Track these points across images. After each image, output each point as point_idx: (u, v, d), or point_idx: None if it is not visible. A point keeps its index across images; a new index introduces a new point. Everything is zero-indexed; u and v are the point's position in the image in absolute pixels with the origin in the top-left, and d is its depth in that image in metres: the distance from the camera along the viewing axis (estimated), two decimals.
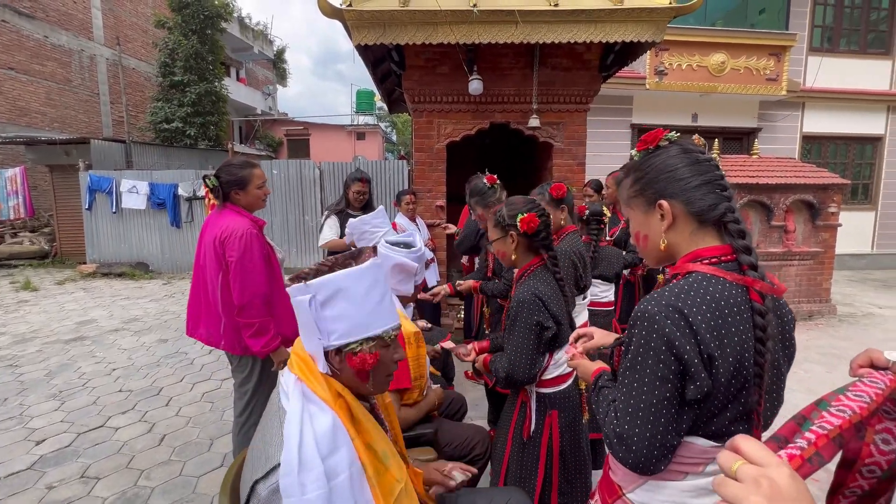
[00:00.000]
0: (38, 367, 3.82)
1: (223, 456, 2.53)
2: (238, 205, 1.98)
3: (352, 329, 0.89)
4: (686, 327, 0.74)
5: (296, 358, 0.94)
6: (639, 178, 0.91)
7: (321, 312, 0.88)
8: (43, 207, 10.05)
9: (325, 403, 0.88)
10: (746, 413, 0.79)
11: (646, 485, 0.87)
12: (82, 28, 12.79)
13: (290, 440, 0.81)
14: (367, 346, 0.91)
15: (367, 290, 0.91)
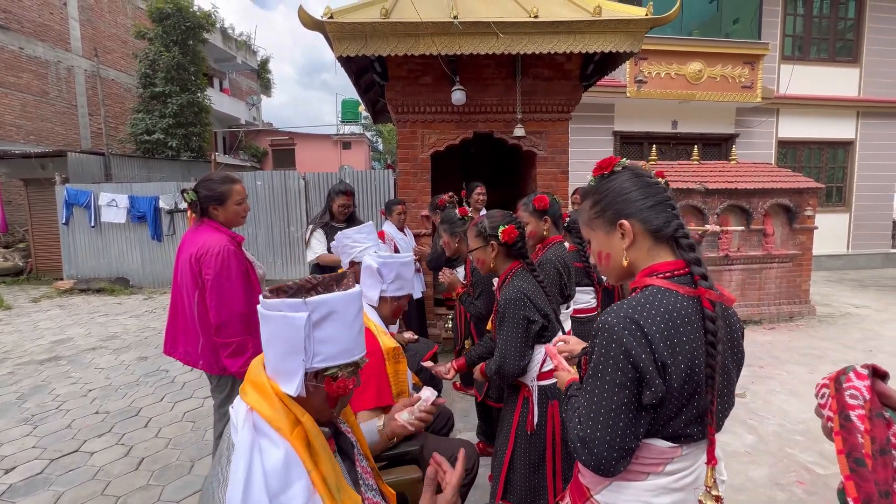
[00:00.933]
0: (9, 390, 3.68)
1: (204, 478, 2.44)
2: (216, 220, 1.93)
3: (338, 353, 0.87)
4: (642, 337, 0.80)
5: (250, 384, 0.89)
6: (598, 201, 0.98)
7: (313, 332, 0.85)
8: (17, 222, 9.77)
9: (279, 434, 0.83)
10: (700, 416, 0.86)
11: (611, 486, 0.93)
12: (59, 39, 12.56)
13: (234, 478, 0.76)
14: (345, 372, 0.89)
15: (355, 316, 0.91)
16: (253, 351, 1.86)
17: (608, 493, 0.94)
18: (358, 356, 0.92)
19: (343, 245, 2.22)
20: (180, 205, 7.80)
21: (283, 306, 0.84)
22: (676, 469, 0.89)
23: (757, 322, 5.35)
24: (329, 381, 0.87)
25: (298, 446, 0.84)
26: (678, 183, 5.13)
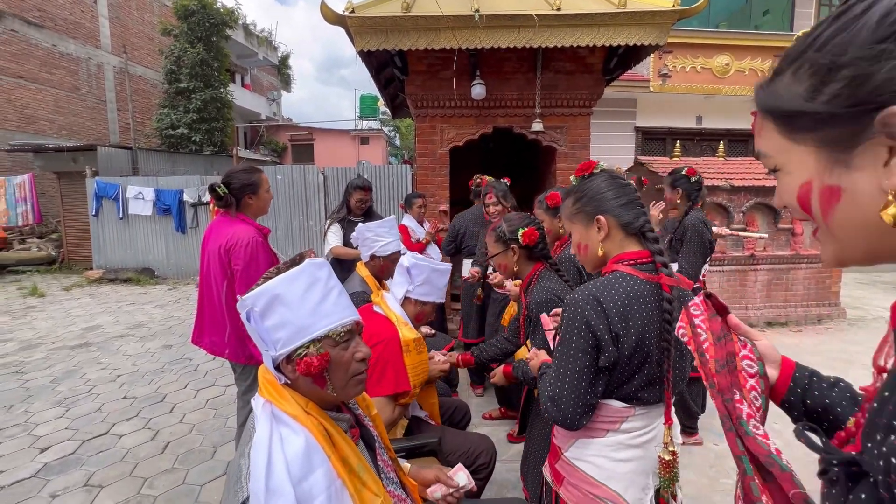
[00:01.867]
0: (44, 374, 3.84)
1: (226, 463, 2.51)
2: (248, 211, 1.98)
3: (294, 334, 0.85)
4: (601, 311, 0.97)
5: (262, 380, 0.91)
6: (579, 199, 1.12)
7: (262, 324, 0.85)
8: (51, 214, 10.16)
9: (297, 421, 0.84)
10: (650, 382, 1.02)
11: (577, 443, 1.09)
12: (90, 36, 12.96)
13: (256, 468, 0.77)
14: (313, 349, 0.86)
15: (305, 291, 0.87)
16: None
17: (575, 449, 1.09)
18: (324, 329, 0.87)
19: (365, 238, 2.23)
20: (203, 198, 7.99)
21: (239, 308, 0.87)
22: (632, 427, 1.05)
23: (783, 324, 5.19)
24: (297, 361, 0.86)
25: (316, 433, 0.85)
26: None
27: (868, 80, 0.36)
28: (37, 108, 11.58)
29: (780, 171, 0.47)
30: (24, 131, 11.16)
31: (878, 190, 0.37)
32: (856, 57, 0.37)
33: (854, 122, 0.38)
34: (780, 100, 0.44)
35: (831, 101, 0.39)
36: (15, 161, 10.69)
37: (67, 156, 8.89)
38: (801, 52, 0.42)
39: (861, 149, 0.38)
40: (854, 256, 0.43)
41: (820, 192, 0.42)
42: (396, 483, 1.05)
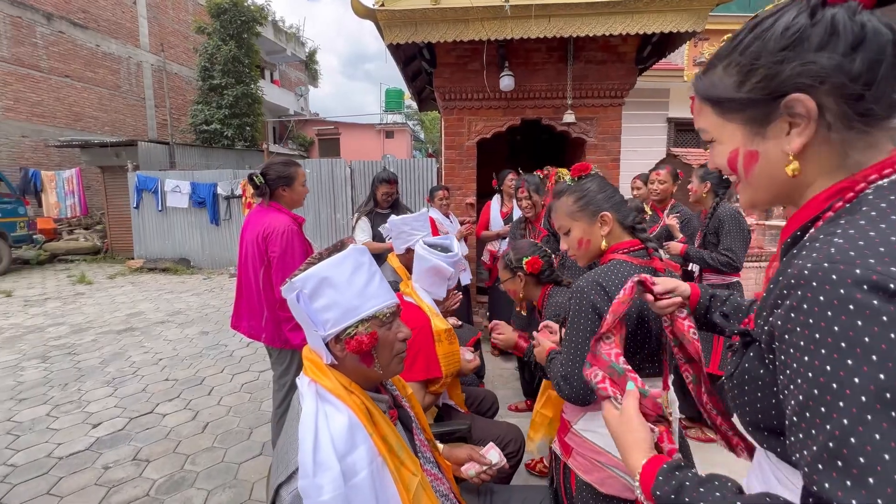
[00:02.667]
0: (94, 356, 4.09)
1: (262, 444, 2.62)
2: (283, 201, 2.05)
3: (343, 314, 0.91)
4: (604, 294, 1.06)
5: (307, 361, 0.95)
6: (581, 198, 1.22)
7: (311, 305, 0.90)
8: (95, 206, 10.74)
9: (340, 401, 0.89)
10: (651, 356, 1.11)
11: (586, 416, 1.17)
12: (130, 36, 13.53)
13: (304, 442, 0.81)
14: (362, 328, 0.91)
15: (351, 275, 0.92)
16: None
17: (583, 422, 1.17)
18: (372, 310, 0.92)
19: (401, 231, 2.26)
20: (236, 191, 8.26)
21: (285, 292, 0.91)
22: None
23: None
24: (348, 340, 0.91)
25: (358, 412, 0.89)
26: None
27: (776, 76, 0.51)
28: (83, 106, 12.22)
29: (715, 142, 0.62)
30: (71, 128, 11.81)
31: (782, 153, 0.54)
32: (767, 60, 0.52)
33: (767, 106, 0.53)
34: (716, 89, 0.58)
35: (752, 91, 0.54)
36: (63, 156, 11.33)
37: (111, 151, 9.36)
38: (728, 53, 0.56)
39: (772, 125, 0.54)
40: (763, 200, 0.61)
41: (744, 155, 0.58)
42: (433, 462, 1.09)
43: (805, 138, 0.51)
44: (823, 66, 0.48)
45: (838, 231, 0.47)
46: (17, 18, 10.68)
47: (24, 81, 10.86)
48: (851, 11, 0.48)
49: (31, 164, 10.50)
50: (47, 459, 2.50)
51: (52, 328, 4.93)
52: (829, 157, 0.52)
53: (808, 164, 0.53)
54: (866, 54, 0.47)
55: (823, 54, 0.48)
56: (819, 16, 0.49)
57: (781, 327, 0.48)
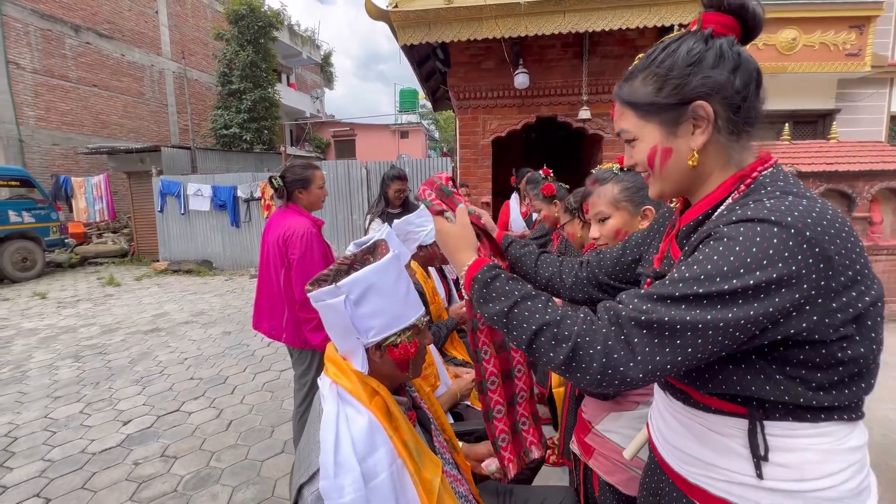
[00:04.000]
0: (123, 355, 4.24)
1: (283, 442, 2.67)
2: (300, 204, 2.08)
3: (389, 322, 0.90)
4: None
5: (329, 362, 0.95)
6: (628, 188, 1.24)
7: (356, 311, 0.87)
8: (122, 210, 11.11)
9: (361, 403, 0.88)
10: None
11: (609, 416, 1.16)
12: (152, 45, 13.94)
13: (326, 444, 0.82)
14: (405, 337, 0.91)
15: (395, 282, 0.91)
16: None
17: (606, 422, 1.16)
18: (413, 318, 0.93)
19: (407, 232, 2.26)
20: (255, 194, 8.43)
21: (322, 295, 0.88)
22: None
23: None
24: (391, 349, 0.90)
25: (379, 415, 0.89)
26: None
27: (685, 86, 0.66)
28: (109, 114, 12.65)
29: (636, 141, 0.74)
30: (98, 135, 12.24)
31: (688, 149, 0.69)
32: (678, 73, 0.66)
33: (678, 110, 0.67)
34: (638, 95, 0.71)
35: (668, 97, 0.68)
36: (91, 163, 11.76)
37: (136, 157, 9.67)
38: (646, 66, 0.70)
39: (681, 126, 0.68)
40: (670, 190, 0.75)
41: (661, 151, 0.71)
42: (452, 464, 1.09)
43: (706, 136, 0.67)
44: (717, 80, 0.64)
45: (763, 200, 0.62)
46: (47, 31, 11.12)
47: (54, 92, 11.30)
48: (731, 43, 0.65)
49: (62, 171, 10.93)
50: (81, 455, 2.60)
51: (83, 329, 5.13)
52: (718, 155, 0.69)
53: (705, 158, 0.69)
54: (743, 74, 0.64)
55: (717, 71, 0.64)
56: (711, 43, 0.65)
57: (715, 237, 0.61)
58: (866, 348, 0.62)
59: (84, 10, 11.96)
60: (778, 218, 0.57)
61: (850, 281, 0.60)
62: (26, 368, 3.97)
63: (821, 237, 0.57)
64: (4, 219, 7.72)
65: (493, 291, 0.71)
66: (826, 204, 0.62)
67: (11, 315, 5.79)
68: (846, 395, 0.64)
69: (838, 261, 0.58)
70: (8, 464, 2.53)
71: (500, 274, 0.74)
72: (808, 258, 0.56)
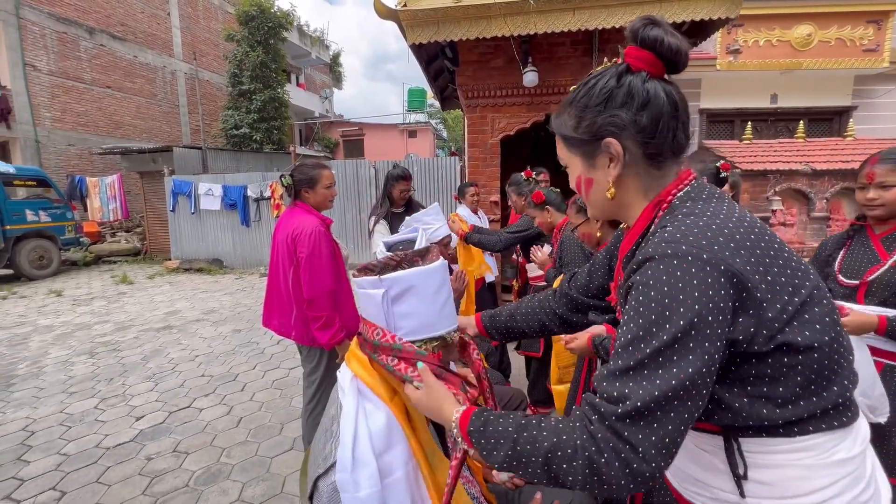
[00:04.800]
0: (136, 352, 4.31)
1: (293, 440, 2.70)
2: (307, 203, 2.09)
3: (420, 327, 0.88)
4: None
5: (352, 355, 0.95)
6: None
7: (392, 308, 0.87)
8: (135, 210, 11.28)
9: (381, 400, 0.88)
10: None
11: None
12: (165, 46, 14.13)
13: (344, 437, 0.82)
14: (430, 346, 0.89)
15: (437, 290, 0.90)
16: (340, 325, 2.00)
17: None
18: (443, 330, 0.91)
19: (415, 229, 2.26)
20: (265, 193, 8.51)
21: (364, 284, 0.88)
22: None
23: None
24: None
25: (398, 414, 0.89)
26: (778, 164, 4.58)
27: (595, 124, 0.70)
28: (122, 115, 12.86)
29: (568, 168, 0.80)
30: (112, 136, 12.45)
31: (606, 181, 0.73)
32: (590, 111, 0.71)
33: (592, 145, 0.72)
34: (563, 128, 0.76)
35: (583, 133, 0.72)
36: (105, 163, 11.97)
37: (148, 157, 9.82)
38: (571, 102, 0.75)
39: (598, 158, 0.73)
40: (599, 214, 0.81)
41: (584, 180, 0.77)
42: (463, 465, 1.08)
43: (618, 170, 0.71)
44: (623, 119, 0.68)
45: (667, 226, 0.65)
46: (62, 34, 11.34)
47: (69, 93, 11.52)
48: (642, 80, 0.67)
49: (77, 171, 11.15)
50: (96, 450, 2.65)
51: (98, 326, 5.22)
52: (635, 185, 0.73)
53: (623, 190, 0.74)
54: (651, 111, 0.67)
55: (623, 110, 0.67)
56: (623, 80, 0.68)
57: (632, 288, 0.64)
58: (819, 346, 0.60)
59: (98, 13, 12.17)
60: (674, 250, 0.60)
61: (772, 284, 0.60)
62: (43, 364, 4.05)
63: (719, 255, 0.59)
64: (22, 218, 7.89)
65: (490, 438, 0.68)
66: (729, 214, 0.64)
67: (28, 312, 5.92)
68: (816, 402, 0.62)
69: (748, 271, 0.59)
70: (25, 457, 2.59)
71: (489, 417, 0.72)
72: (714, 279, 0.58)
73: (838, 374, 0.63)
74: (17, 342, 4.71)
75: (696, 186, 0.71)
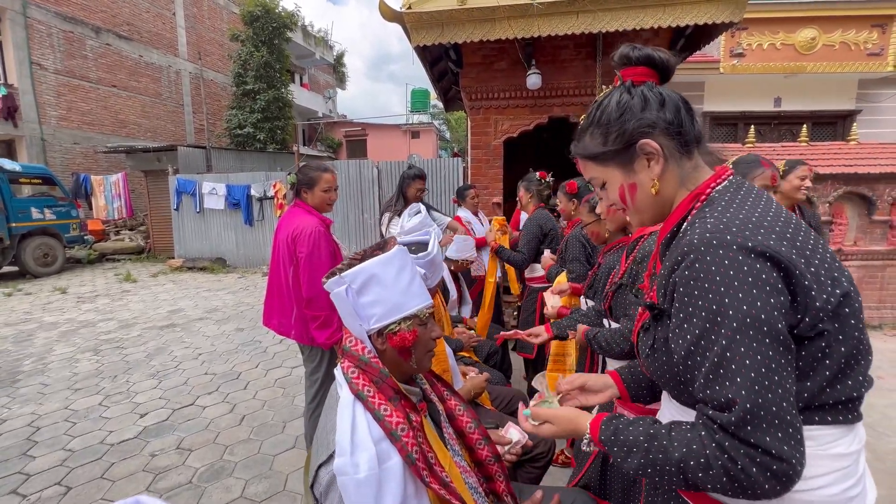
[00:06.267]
0: (139, 350, 4.34)
1: (295, 438, 2.72)
2: (307, 203, 2.12)
3: (388, 311, 0.95)
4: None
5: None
6: None
7: (358, 300, 0.93)
8: (139, 208, 11.34)
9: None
10: None
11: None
12: (170, 46, 14.20)
13: (342, 424, 0.87)
14: (405, 325, 0.96)
15: (397, 274, 0.96)
16: (338, 324, 2.02)
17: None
18: (413, 309, 0.97)
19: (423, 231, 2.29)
20: (268, 193, 8.55)
21: (331, 285, 0.94)
22: None
23: (876, 327, 4.66)
24: (390, 336, 0.95)
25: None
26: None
27: (626, 131, 0.75)
28: (127, 114, 12.93)
29: (606, 185, 0.83)
30: (116, 134, 12.52)
31: (650, 179, 0.77)
32: (615, 123, 0.76)
33: (628, 151, 0.77)
34: (590, 149, 0.81)
35: (614, 144, 0.77)
36: (110, 161, 12.03)
37: (153, 156, 9.88)
38: (588, 125, 0.81)
39: (636, 162, 0.77)
40: (649, 219, 0.82)
41: (628, 187, 0.80)
42: (461, 455, 1.11)
43: (661, 165, 0.75)
44: (649, 118, 0.74)
45: (708, 216, 0.68)
46: (69, 33, 11.41)
47: (75, 92, 11.59)
48: (650, 87, 0.75)
49: (82, 170, 11.21)
50: (101, 446, 2.67)
51: (102, 323, 5.26)
52: (675, 178, 0.77)
53: (664, 184, 0.77)
54: (669, 107, 0.74)
55: (646, 112, 0.74)
56: (634, 92, 0.75)
57: (679, 283, 0.66)
58: (850, 341, 0.62)
59: (104, 12, 12.24)
60: (719, 240, 0.62)
61: (816, 275, 0.62)
62: (48, 361, 4.09)
63: (764, 243, 0.61)
64: (27, 215, 7.94)
65: (623, 446, 0.70)
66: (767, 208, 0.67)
67: (33, 309, 5.97)
68: (829, 393, 0.64)
69: (795, 259, 0.61)
70: (31, 452, 2.62)
71: (618, 426, 0.73)
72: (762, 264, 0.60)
73: (854, 371, 0.64)
74: (22, 339, 4.75)
75: (735, 181, 0.74)
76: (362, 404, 0.90)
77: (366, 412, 0.89)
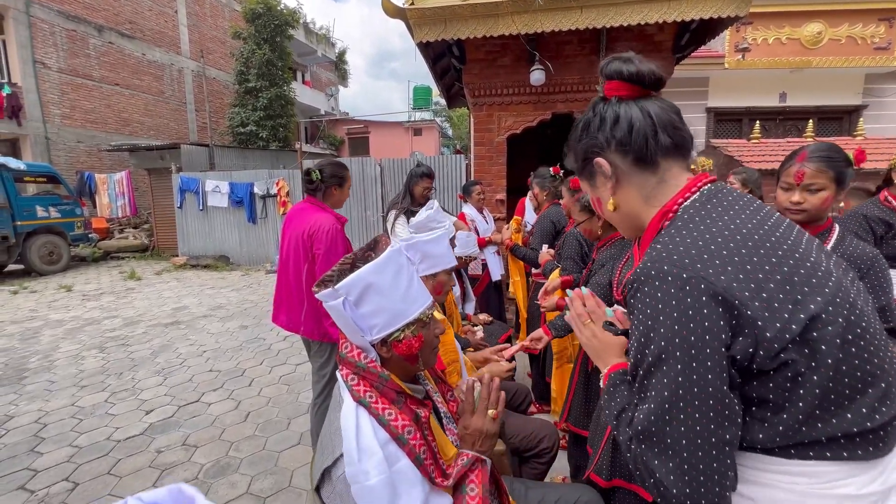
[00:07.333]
0: (145, 347, 4.36)
1: (300, 434, 2.73)
2: (330, 200, 2.15)
3: (390, 320, 0.91)
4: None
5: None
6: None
7: (357, 311, 0.89)
8: (143, 206, 11.38)
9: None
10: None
11: None
12: (172, 44, 14.21)
13: (347, 430, 0.85)
14: (409, 331, 0.92)
15: (394, 278, 0.91)
16: None
17: None
18: (416, 313, 0.93)
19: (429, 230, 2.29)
20: (271, 191, 8.56)
21: (325, 297, 0.89)
22: None
23: None
24: (396, 344, 0.92)
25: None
26: None
27: (580, 150, 0.81)
28: (130, 112, 12.95)
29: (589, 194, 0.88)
30: (120, 133, 12.55)
31: (609, 195, 0.79)
32: (576, 141, 0.82)
33: (587, 168, 0.81)
34: (571, 164, 0.88)
35: (576, 161, 0.85)
36: (114, 160, 12.07)
37: (156, 154, 9.89)
38: (569, 140, 0.85)
39: (596, 179, 0.81)
40: (624, 232, 0.86)
41: (594, 200, 0.86)
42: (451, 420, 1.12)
43: (612, 183, 0.78)
44: (599, 139, 0.77)
45: (660, 241, 0.68)
46: (72, 32, 11.43)
47: (78, 91, 11.62)
48: (615, 103, 0.76)
49: (86, 168, 11.25)
50: (107, 442, 2.69)
51: (107, 321, 5.28)
52: (634, 194, 0.77)
53: (623, 200, 0.78)
54: (623, 125, 0.74)
55: (600, 132, 0.76)
56: (597, 109, 0.78)
57: (630, 307, 0.68)
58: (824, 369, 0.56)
59: (107, 11, 12.25)
60: (657, 270, 0.63)
61: (768, 301, 0.57)
62: (54, 358, 4.11)
63: (701, 274, 0.59)
64: (32, 214, 7.98)
65: (611, 400, 0.77)
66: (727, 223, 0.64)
67: (39, 307, 6.00)
68: (821, 428, 0.57)
69: (735, 288, 0.58)
70: (38, 449, 2.64)
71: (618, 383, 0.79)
72: (694, 298, 0.59)
73: (854, 401, 0.57)
74: (28, 336, 4.78)
75: (705, 193, 0.71)
76: (366, 410, 0.88)
77: (370, 417, 0.88)
